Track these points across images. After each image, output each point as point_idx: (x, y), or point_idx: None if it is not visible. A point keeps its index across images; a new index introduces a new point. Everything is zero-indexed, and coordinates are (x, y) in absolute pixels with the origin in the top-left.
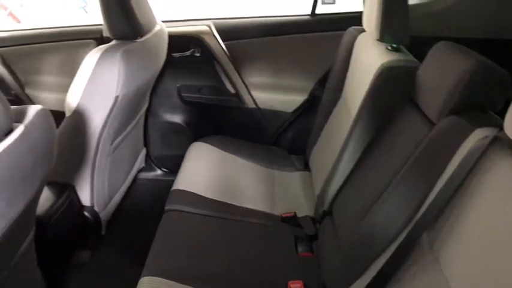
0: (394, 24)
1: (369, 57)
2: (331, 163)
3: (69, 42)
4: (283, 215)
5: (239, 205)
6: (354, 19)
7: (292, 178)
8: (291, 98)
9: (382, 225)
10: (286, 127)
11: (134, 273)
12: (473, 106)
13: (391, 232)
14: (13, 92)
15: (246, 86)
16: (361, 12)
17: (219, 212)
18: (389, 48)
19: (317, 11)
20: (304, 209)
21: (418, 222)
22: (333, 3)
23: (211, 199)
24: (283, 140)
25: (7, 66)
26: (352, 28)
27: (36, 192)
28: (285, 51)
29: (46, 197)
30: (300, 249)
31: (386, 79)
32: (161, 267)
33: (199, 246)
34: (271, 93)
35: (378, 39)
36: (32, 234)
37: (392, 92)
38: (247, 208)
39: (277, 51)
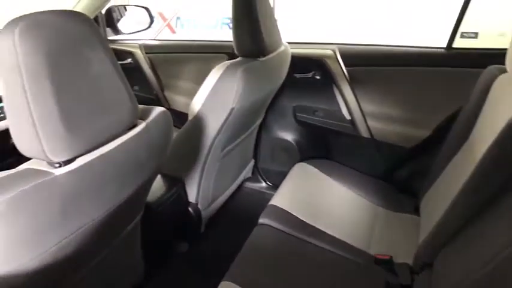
0: None
1: (507, 102)
2: (443, 212)
3: (205, 55)
4: (378, 256)
5: (333, 234)
6: (496, 57)
7: (397, 219)
8: (411, 133)
9: None
10: (401, 163)
11: (219, 274)
12: None
13: None
14: (154, 93)
15: (363, 114)
16: (505, 50)
17: (310, 237)
18: None
19: (454, 45)
20: (402, 255)
21: None
22: (475, 37)
23: (305, 222)
24: (395, 176)
25: (154, 70)
26: (493, 67)
27: (146, 181)
28: (411, 83)
29: (159, 187)
30: None
31: None
32: (241, 276)
33: (283, 266)
34: (389, 125)
35: None
36: (139, 216)
37: None
38: (341, 240)
39: (402, 82)
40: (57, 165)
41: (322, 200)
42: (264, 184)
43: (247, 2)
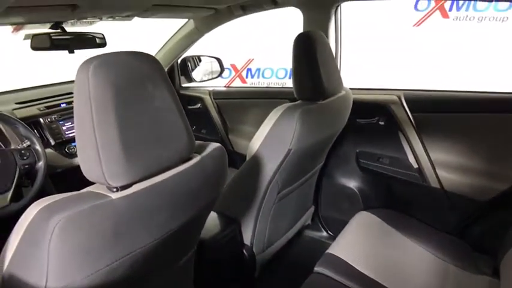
0: None
1: None
2: None
3: (268, 100)
4: None
5: None
6: None
7: (472, 281)
8: (486, 185)
9: None
10: (475, 218)
11: None
12: None
13: None
14: (220, 136)
15: (431, 162)
16: None
17: None
18: None
19: None
20: None
21: None
22: None
23: (364, 274)
24: (469, 232)
25: (220, 114)
26: None
27: (197, 214)
28: (487, 131)
29: (214, 225)
30: None
31: None
32: None
33: None
34: (461, 175)
35: None
36: (193, 251)
37: None
38: None
39: (476, 130)
40: (115, 189)
41: (385, 253)
42: (324, 233)
43: (306, 47)
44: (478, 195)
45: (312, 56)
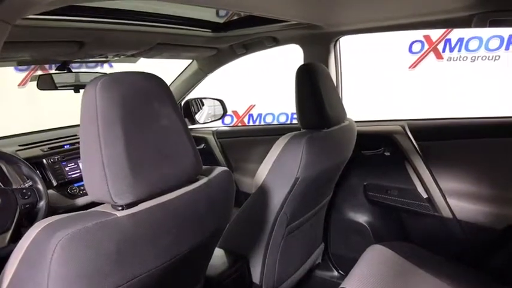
0: None
1: None
2: None
3: (272, 137)
4: None
5: None
6: None
7: None
8: (501, 212)
9: None
10: (494, 248)
11: None
12: None
13: None
14: None
15: (441, 191)
16: None
17: None
18: None
19: None
20: None
21: None
22: None
23: None
24: (488, 263)
25: (224, 154)
26: None
27: (204, 241)
28: (496, 156)
29: (221, 261)
30: None
31: None
32: None
33: None
34: (474, 203)
35: None
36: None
37: None
38: None
39: (484, 155)
40: (120, 208)
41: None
42: (335, 273)
43: (308, 76)
44: (492, 223)
45: (314, 84)
